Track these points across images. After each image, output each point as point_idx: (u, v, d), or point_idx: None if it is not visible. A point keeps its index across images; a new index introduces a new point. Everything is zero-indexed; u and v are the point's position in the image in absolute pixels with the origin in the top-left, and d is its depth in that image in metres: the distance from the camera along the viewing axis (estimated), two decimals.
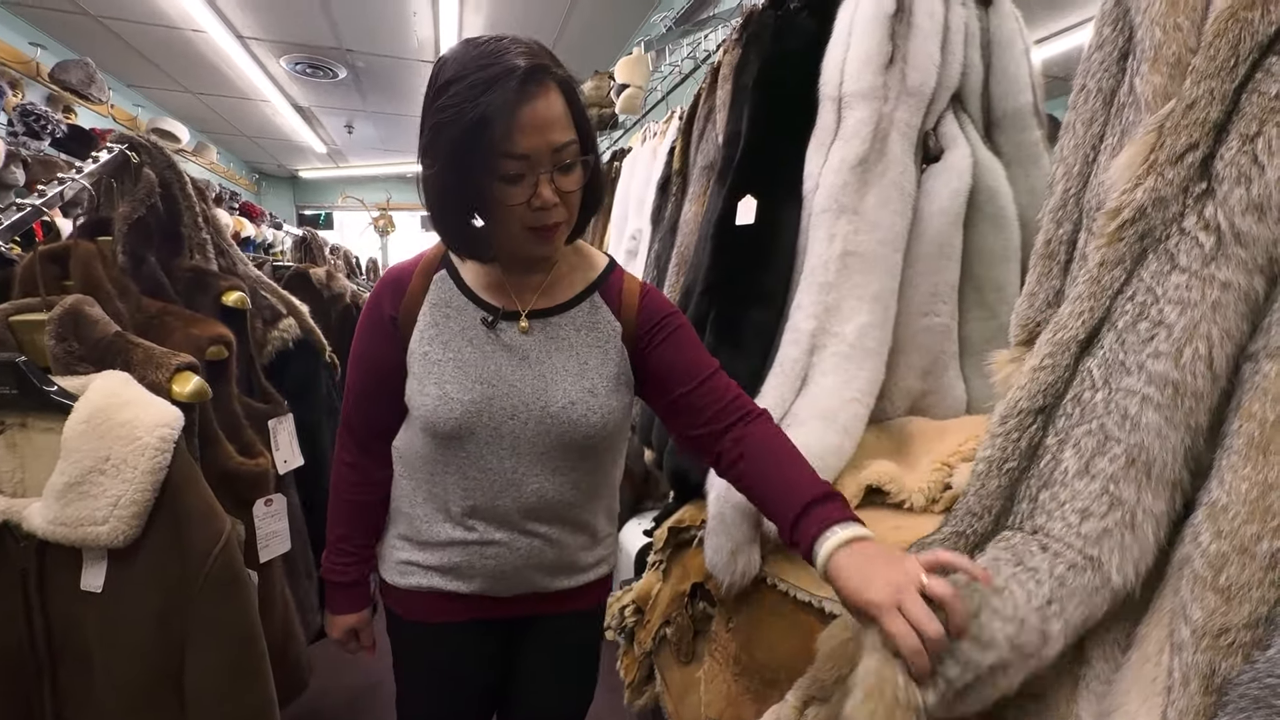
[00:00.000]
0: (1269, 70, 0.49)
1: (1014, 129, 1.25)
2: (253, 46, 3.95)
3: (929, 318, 1.19)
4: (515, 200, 0.66)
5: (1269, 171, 0.49)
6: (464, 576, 0.83)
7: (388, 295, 0.80)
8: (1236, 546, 0.45)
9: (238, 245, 4.26)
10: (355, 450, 0.86)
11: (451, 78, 0.65)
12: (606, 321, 0.81)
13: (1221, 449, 0.50)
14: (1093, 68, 0.69)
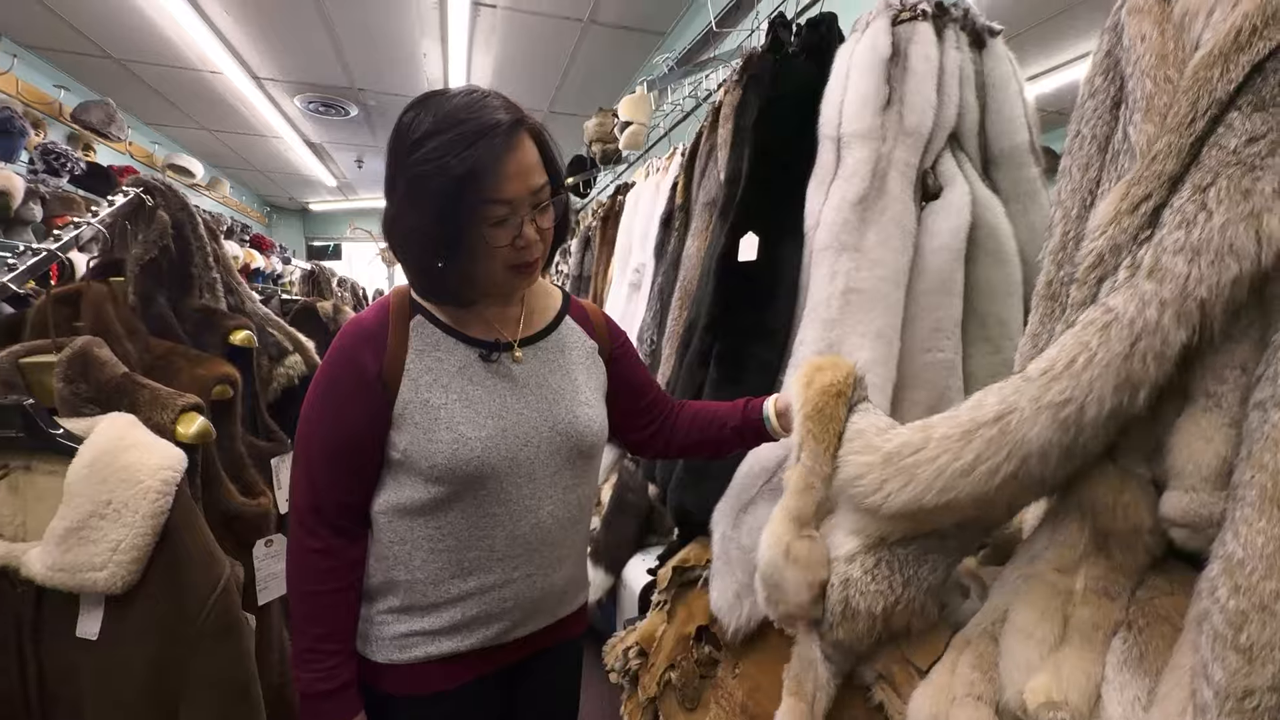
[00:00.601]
0: (1230, 125, 0.51)
1: (1012, 166, 1.27)
2: (268, 87, 4.08)
3: (933, 353, 1.19)
4: (502, 242, 0.71)
5: (1215, 217, 0.50)
6: (478, 628, 0.80)
7: (367, 352, 0.75)
8: (1256, 604, 0.43)
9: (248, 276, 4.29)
10: (326, 534, 0.76)
11: (429, 131, 0.67)
12: (583, 340, 0.89)
13: (1234, 500, 0.49)
14: (1086, 114, 0.71)
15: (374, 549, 0.80)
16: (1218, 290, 0.50)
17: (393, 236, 0.75)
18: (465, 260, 0.72)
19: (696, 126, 1.93)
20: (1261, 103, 0.51)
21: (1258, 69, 0.51)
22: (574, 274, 3.14)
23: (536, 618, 0.84)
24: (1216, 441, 0.54)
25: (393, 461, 0.77)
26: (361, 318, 0.80)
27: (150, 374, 0.90)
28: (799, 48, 1.40)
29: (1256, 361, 0.52)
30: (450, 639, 0.79)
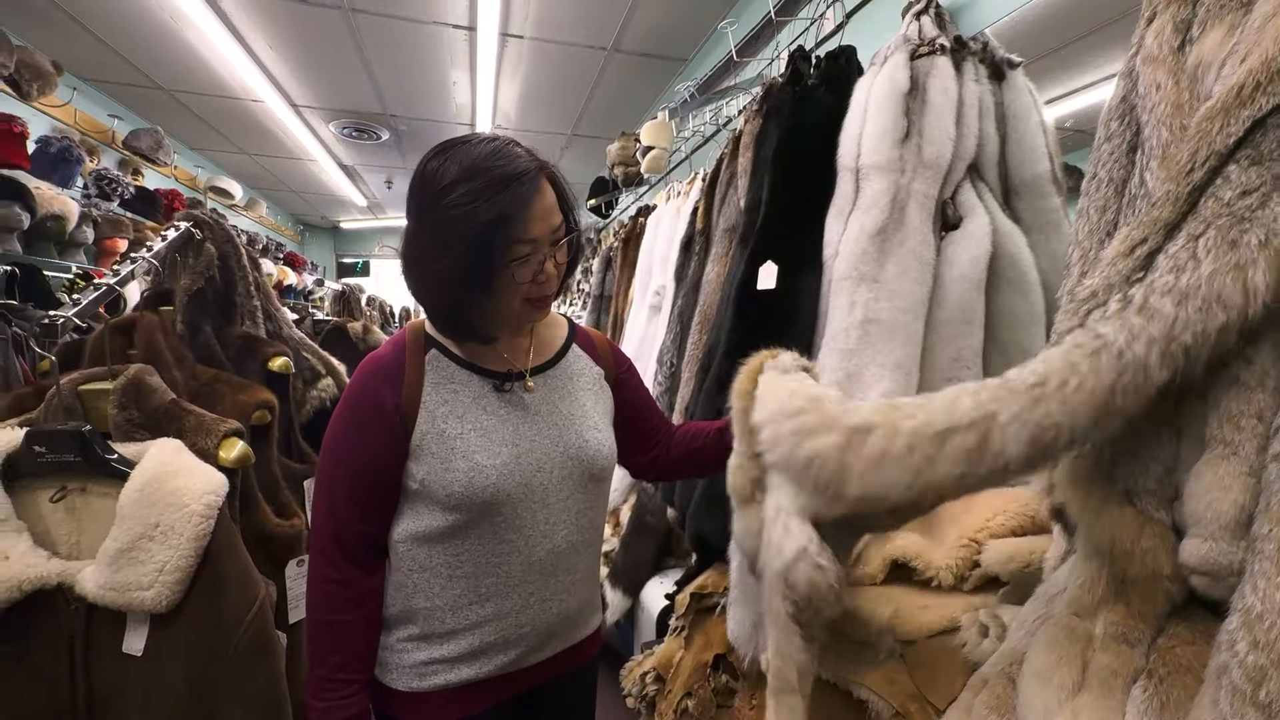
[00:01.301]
0: (1227, 177, 0.52)
1: (1033, 196, 1.27)
2: (305, 114, 4.26)
3: (953, 383, 1.17)
4: (525, 279, 0.76)
5: (1204, 266, 0.50)
6: (496, 654, 0.82)
7: (386, 387, 0.78)
8: (1275, 660, 0.43)
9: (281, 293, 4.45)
10: (345, 565, 0.78)
11: (457, 179, 0.72)
12: (590, 367, 0.93)
13: (1253, 553, 0.49)
14: (1103, 158, 0.71)
15: (393, 578, 0.82)
16: (1203, 337, 0.50)
17: (419, 277, 0.78)
18: (489, 296, 0.76)
19: (716, 152, 1.97)
20: (1259, 157, 0.52)
21: (1259, 124, 0.52)
22: (595, 293, 3.18)
23: (552, 643, 0.86)
24: (1235, 490, 0.53)
25: (410, 491, 0.79)
26: (379, 354, 0.83)
27: (196, 400, 0.95)
28: (818, 80, 1.43)
29: (1274, 411, 0.52)
30: (469, 666, 0.81)
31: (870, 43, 1.42)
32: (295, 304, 4.80)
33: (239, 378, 1.05)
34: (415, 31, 3.07)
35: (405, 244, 0.79)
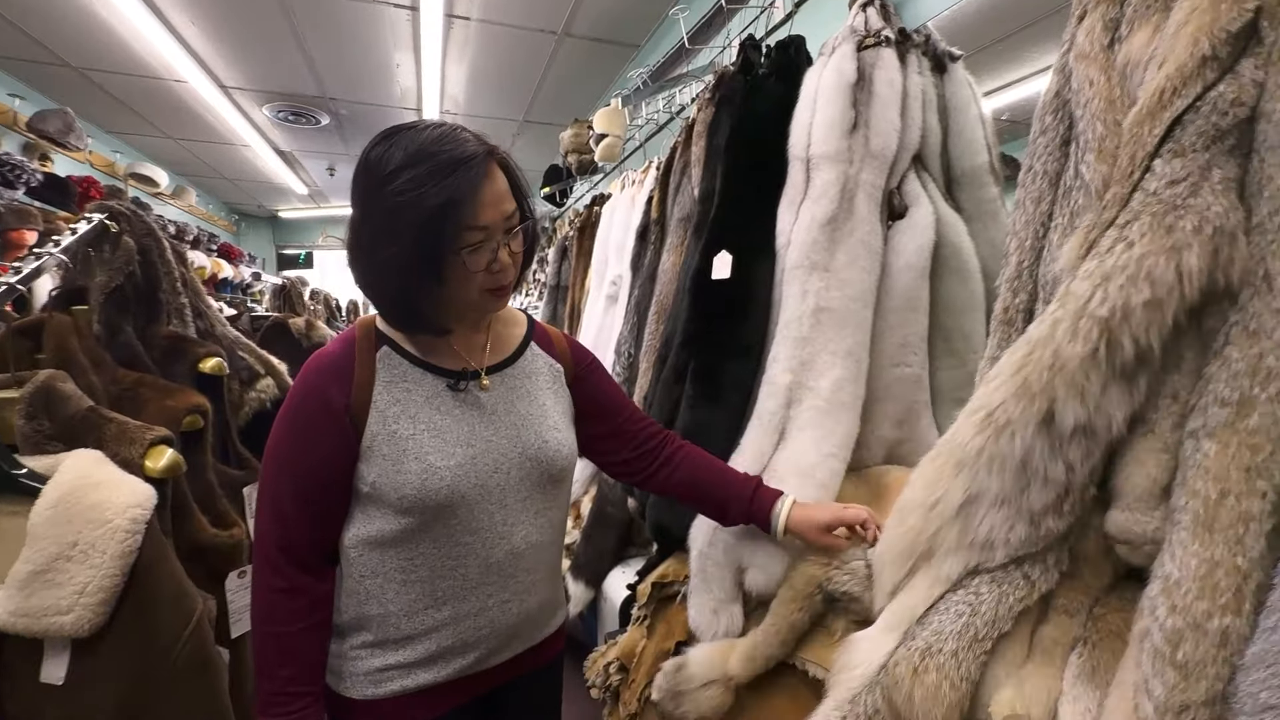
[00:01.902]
0: (1153, 170, 0.56)
1: (973, 186, 1.31)
2: (236, 96, 4.00)
3: (900, 368, 1.23)
4: (479, 267, 0.73)
5: (1136, 248, 0.54)
6: (454, 658, 0.80)
7: (334, 386, 0.75)
8: (1190, 623, 0.47)
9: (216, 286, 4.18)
10: (293, 572, 0.75)
11: (403, 164, 0.69)
12: (549, 365, 0.90)
13: (1171, 524, 0.52)
14: (1039, 151, 0.74)
15: (344, 584, 0.79)
16: (1125, 310, 0.54)
17: (366, 267, 0.75)
18: (443, 286, 0.74)
19: (670, 139, 1.96)
20: (1181, 150, 0.55)
21: (1177, 121, 0.55)
22: (551, 283, 3.14)
23: (513, 644, 0.85)
24: (1149, 464, 0.57)
25: (361, 494, 0.77)
26: (327, 351, 0.79)
27: (117, 407, 0.89)
28: (769, 69, 1.43)
29: (1189, 391, 0.56)
30: (426, 670, 0.79)
31: (818, 32, 1.44)
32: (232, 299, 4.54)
33: (166, 381, 0.98)
34: (354, 10, 2.92)
35: (351, 234, 0.75)
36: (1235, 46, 0.55)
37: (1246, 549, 0.46)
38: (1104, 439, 0.58)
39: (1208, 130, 0.54)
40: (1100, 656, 0.58)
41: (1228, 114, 0.54)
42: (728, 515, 0.93)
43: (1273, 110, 0.53)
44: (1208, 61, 0.55)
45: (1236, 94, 0.54)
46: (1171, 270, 0.53)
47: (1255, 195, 0.54)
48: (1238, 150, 0.55)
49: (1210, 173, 0.54)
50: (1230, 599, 0.45)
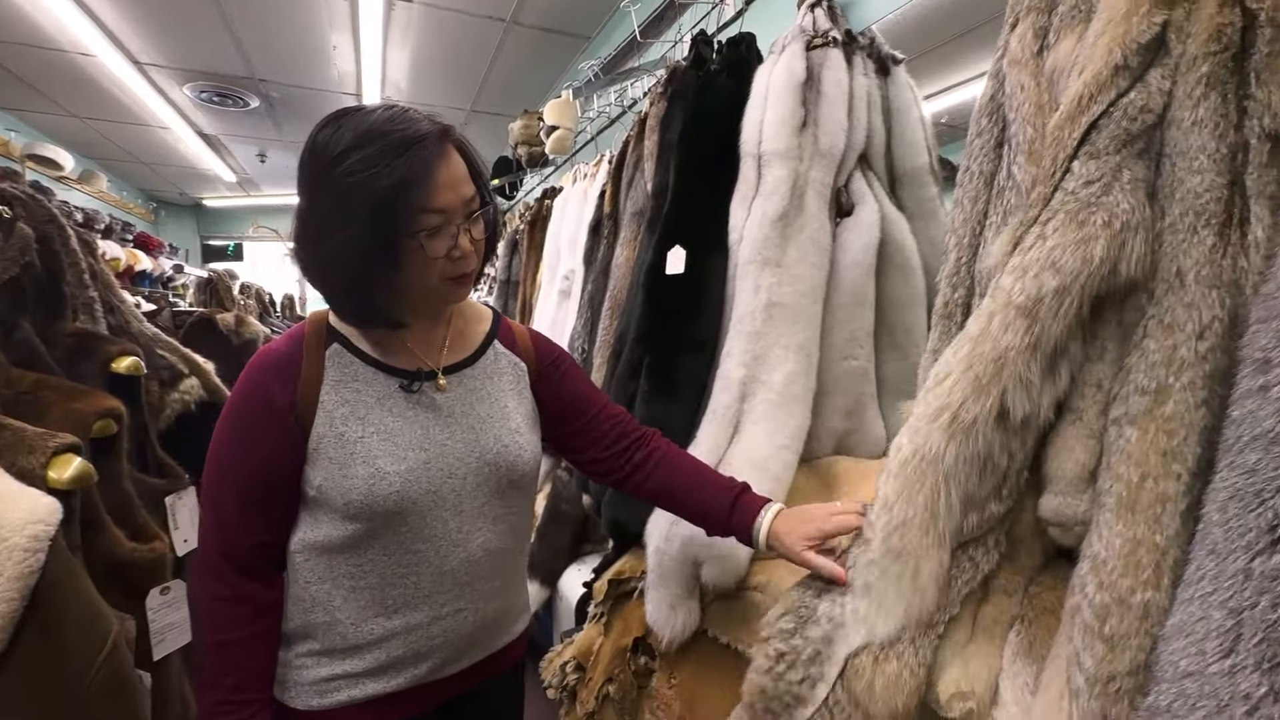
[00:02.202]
0: (1072, 171, 0.60)
1: (914, 186, 1.37)
2: (151, 73, 3.70)
3: (848, 361, 1.26)
4: (438, 253, 0.69)
5: (1049, 241, 0.59)
6: (406, 668, 0.77)
7: (277, 384, 0.71)
8: (1116, 598, 0.50)
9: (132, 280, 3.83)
10: (236, 579, 0.72)
11: (352, 145, 0.66)
12: (513, 364, 0.86)
13: (1098, 506, 0.55)
14: (975, 152, 0.78)
15: (291, 590, 0.76)
16: (1037, 298, 0.57)
17: (315, 255, 0.71)
18: (399, 273, 0.70)
19: (622, 133, 1.94)
20: (1096, 152, 0.59)
21: (1094, 125, 0.59)
22: (501, 278, 3.07)
23: (470, 652, 0.82)
24: (1077, 450, 0.61)
25: (308, 498, 0.73)
26: (272, 347, 0.76)
27: (14, 411, 0.80)
28: (720, 65, 1.44)
29: (1112, 380, 0.60)
30: (375, 680, 0.76)
31: (767, 30, 1.45)
32: (151, 293, 4.20)
33: (72, 383, 0.89)
34: None
35: (298, 224, 0.71)
36: (1145, 57, 0.59)
37: (1164, 527, 0.49)
38: (1037, 426, 0.61)
39: (1119, 134, 0.58)
40: (1036, 633, 0.62)
41: (1137, 119, 0.58)
42: (709, 527, 0.86)
43: (1182, 118, 0.57)
44: (1120, 70, 0.59)
45: (1145, 101, 0.58)
46: (1078, 258, 0.56)
47: (1168, 197, 0.58)
48: (1146, 153, 0.59)
49: (1121, 173, 0.58)
50: (1151, 574, 0.49)
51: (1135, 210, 0.57)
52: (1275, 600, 0.39)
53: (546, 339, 0.94)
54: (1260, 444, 0.43)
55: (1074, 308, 0.57)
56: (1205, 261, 0.53)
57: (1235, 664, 0.40)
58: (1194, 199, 0.55)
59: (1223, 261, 0.53)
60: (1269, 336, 0.46)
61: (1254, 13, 0.53)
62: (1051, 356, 0.59)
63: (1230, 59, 0.54)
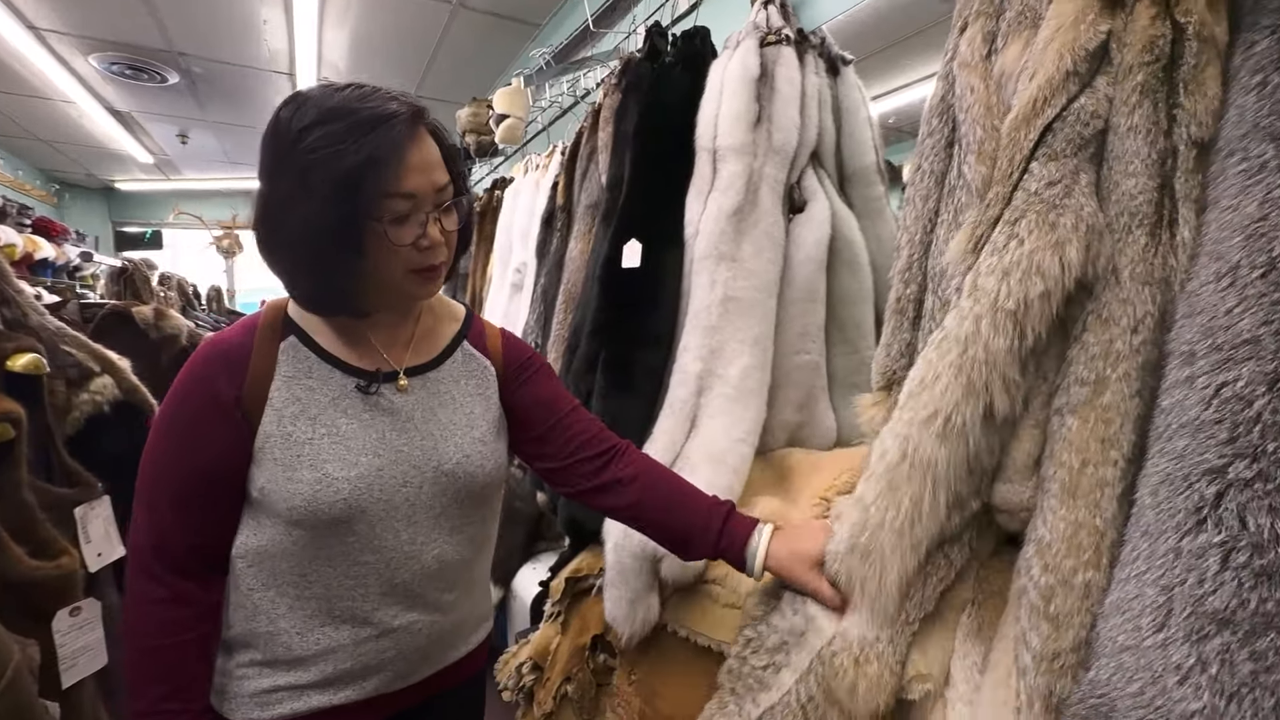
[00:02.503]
0: (1031, 172, 0.62)
1: (862, 185, 1.41)
2: (51, 40, 3.35)
3: (801, 355, 1.29)
4: (404, 240, 0.65)
5: (1026, 244, 0.60)
6: (353, 681, 0.73)
7: (223, 375, 0.67)
8: (1060, 579, 0.52)
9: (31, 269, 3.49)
10: (173, 580, 0.67)
11: (316, 120, 0.62)
12: (483, 368, 0.82)
13: (1042, 492, 0.58)
14: (926, 151, 0.80)
15: (233, 596, 0.71)
16: (1025, 302, 0.59)
17: (274, 240, 0.67)
18: (363, 259, 0.66)
19: (575, 124, 1.91)
20: (1054, 154, 0.62)
21: (1049, 128, 0.61)
22: None
23: (422, 667, 0.78)
24: (1025, 440, 0.64)
25: (252, 500, 0.69)
26: (221, 337, 0.70)
27: None
28: (675, 58, 1.43)
29: (1055, 372, 0.63)
30: (320, 693, 0.71)
31: (721, 24, 1.46)
32: (55, 283, 3.82)
33: None
34: None
35: (258, 207, 0.67)
36: (1092, 64, 0.62)
37: (1103, 510, 0.52)
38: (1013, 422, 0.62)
39: (1074, 138, 0.61)
40: (985, 615, 0.64)
41: (1088, 124, 0.61)
42: (690, 549, 0.79)
43: (1119, 124, 0.60)
44: (1070, 76, 0.61)
45: (1094, 107, 0.61)
46: (1057, 263, 0.58)
47: (1105, 199, 0.61)
48: (1096, 158, 0.62)
49: (1079, 176, 0.61)
50: (1091, 555, 0.52)
51: (1097, 213, 0.59)
52: (1202, 577, 0.42)
53: (519, 341, 0.89)
54: (1187, 431, 0.46)
55: (1053, 310, 0.59)
56: (1139, 260, 0.56)
57: (1167, 637, 0.42)
58: (1129, 200, 0.58)
59: (1154, 260, 0.56)
60: (1194, 331, 0.49)
61: (1182, 27, 0.57)
62: (1034, 357, 0.61)
63: (1161, 69, 0.58)
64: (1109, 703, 0.43)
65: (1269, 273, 0.45)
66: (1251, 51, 0.52)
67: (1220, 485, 0.43)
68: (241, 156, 5.57)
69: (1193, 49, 0.56)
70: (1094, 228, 0.57)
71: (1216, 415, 0.44)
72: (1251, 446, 0.42)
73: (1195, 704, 0.39)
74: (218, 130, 4.88)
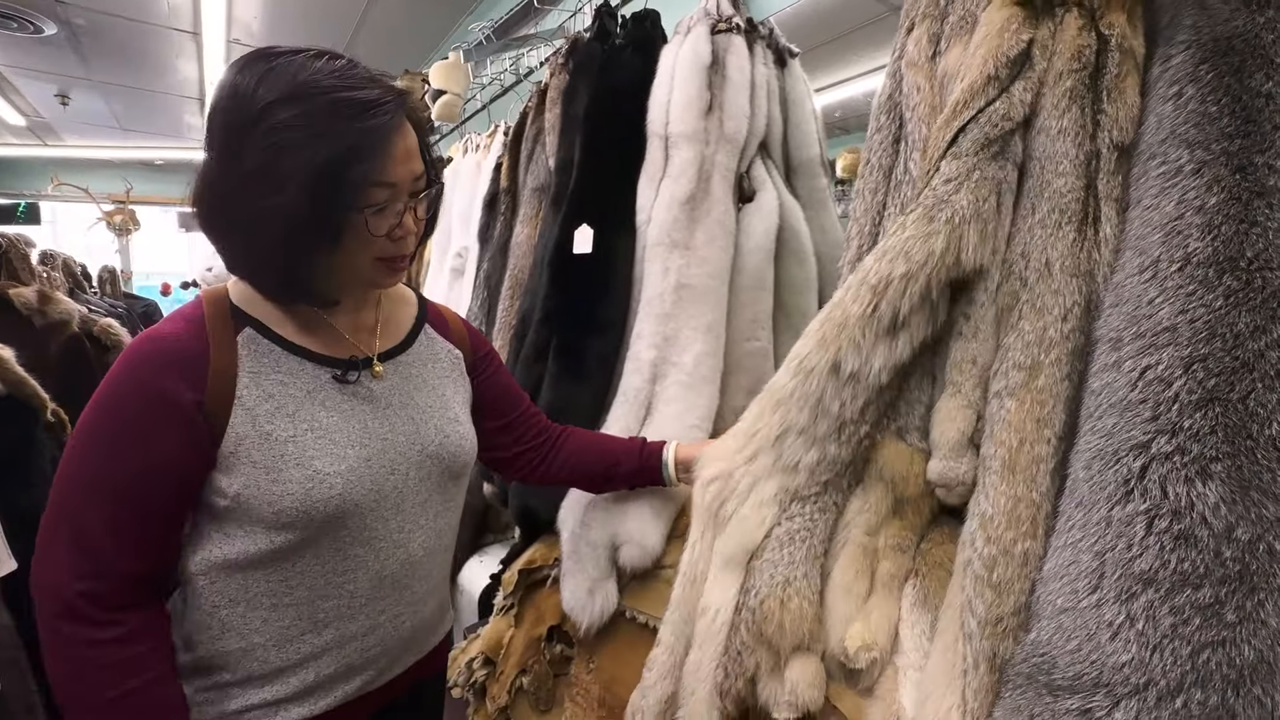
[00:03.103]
0: (939, 169, 0.68)
1: (807, 176, 1.45)
2: None
3: (751, 342, 1.32)
4: (381, 230, 0.63)
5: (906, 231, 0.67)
6: (337, 685, 0.69)
7: (175, 378, 0.59)
8: (1002, 550, 0.57)
9: None
10: (115, 617, 0.59)
11: (288, 95, 0.57)
12: (447, 351, 0.82)
13: (983, 469, 0.63)
14: (874, 146, 0.83)
15: (192, 616, 0.65)
16: (887, 280, 0.66)
17: (228, 223, 0.61)
18: (335, 250, 0.62)
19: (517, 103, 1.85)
20: (958, 153, 0.67)
21: (963, 129, 0.66)
22: None
23: (404, 658, 0.76)
24: (958, 419, 0.68)
25: (219, 510, 0.63)
26: (161, 332, 0.62)
27: None
28: (626, 40, 1.41)
29: (989, 358, 0.67)
30: (300, 705, 0.67)
31: (670, 8, 1.45)
32: None
33: None
34: None
35: (204, 182, 0.61)
36: (1012, 70, 0.66)
37: (1039, 485, 0.57)
38: (867, 384, 0.70)
39: (980, 138, 0.66)
40: (929, 585, 0.69)
41: (998, 125, 0.66)
42: (617, 476, 0.93)
43: (1049, 126, 0.65)
44: (991, 80, 0.66)
45: (1007, 110, 0.66)
46: (924, 250, 0.65)
47: (1038, 196, 0.66)
48: (1001, 155, 0.67)
49: (973, 173, 0.66)
50: (1029, 526, 0.56)
51: (970, 205, 0.65)
52: (1130, 542, 0.47)
53: (476, 329, 0.90)
54: (1116, 410, 0.51)
55: (919, 289, 0.66)
56: (1068, 254, 0.61)
57: (1100, 598, 0.47)
58: (1059, 198, 0.63)
59: (1080, 254, 0.61)
60: (1120, 319, 0.54)
61: (1106, 38, 0.62)
62: (891, 328, 0.68)
63: (1088, 77, 0.63)
64: (1050, 660, 0.48)
65: (1184, 266, 0.50)
66: (1168, 64, 0.57)
67: (1145, 459, 0.47)
68: (135, 123, 5.03)
69: (1115, 59, 0.61)
70: (966, 218, 0.63)
71: (1141, 395, 0.49)
72: (1170, 423, 0.47)
73: (1125, 656, 0.44)
74: (105, 91, 4.37)
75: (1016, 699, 0.49)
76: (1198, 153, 0.52)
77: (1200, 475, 0.45)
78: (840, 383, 0.69)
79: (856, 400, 0.70)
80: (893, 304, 0.66)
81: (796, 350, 0.73)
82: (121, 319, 2.78)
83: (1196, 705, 0.41)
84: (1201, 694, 0.41)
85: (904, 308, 0.65)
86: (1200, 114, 0.53)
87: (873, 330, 0.67)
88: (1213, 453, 0.45)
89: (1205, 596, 0.43)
